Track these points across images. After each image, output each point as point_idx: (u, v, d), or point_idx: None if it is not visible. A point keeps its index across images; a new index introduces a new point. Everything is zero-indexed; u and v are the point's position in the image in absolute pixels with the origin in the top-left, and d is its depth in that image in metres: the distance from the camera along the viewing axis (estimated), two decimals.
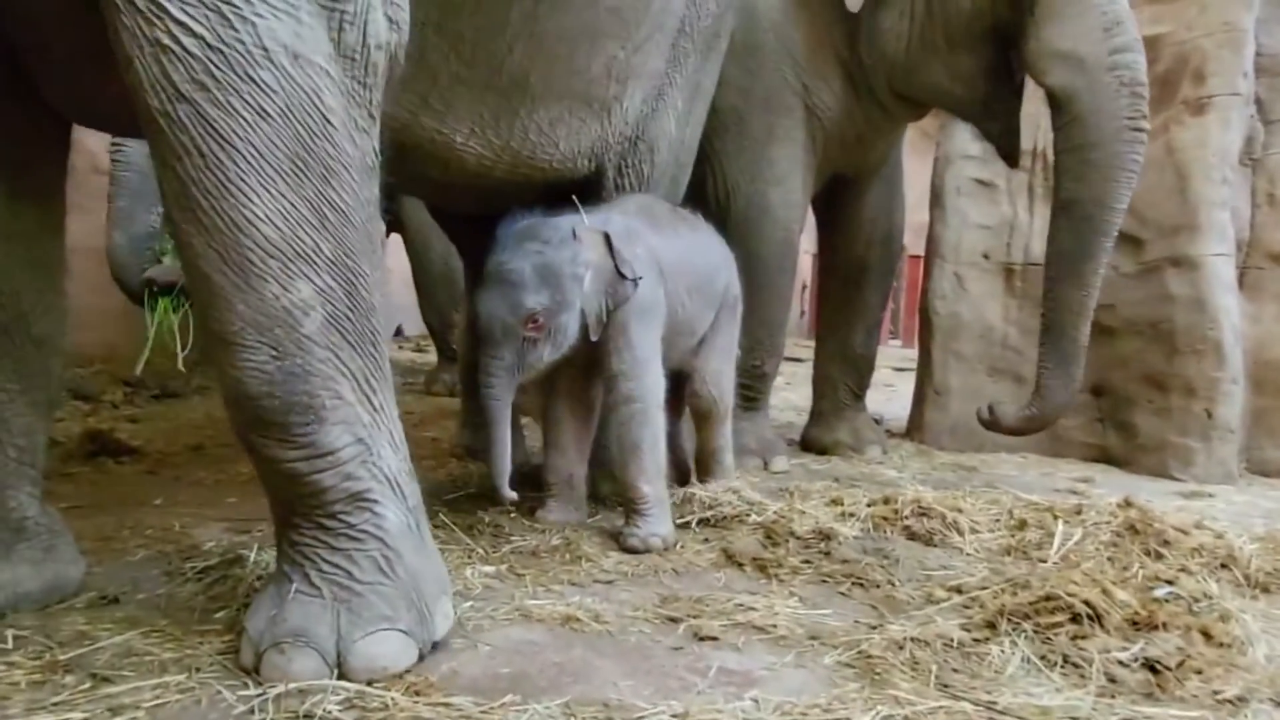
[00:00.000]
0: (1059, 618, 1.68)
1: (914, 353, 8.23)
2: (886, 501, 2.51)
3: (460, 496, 2.63)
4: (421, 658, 1.49)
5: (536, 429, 2.82)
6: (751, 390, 3.38)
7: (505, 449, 2.12)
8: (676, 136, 2.74)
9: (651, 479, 2.24)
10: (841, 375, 3.73)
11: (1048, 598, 1.72)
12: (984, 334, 3.87)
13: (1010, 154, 3.18)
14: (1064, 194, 2.87)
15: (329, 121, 1.37)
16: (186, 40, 1.25)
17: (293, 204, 1.34)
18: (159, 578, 1.88)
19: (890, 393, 5.76)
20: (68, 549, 1.77)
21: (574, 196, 2.27)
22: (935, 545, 2.30)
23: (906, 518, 2.41)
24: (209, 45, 1.26)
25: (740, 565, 2.12)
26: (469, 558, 2.07)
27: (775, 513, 2.42)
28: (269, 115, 1.31)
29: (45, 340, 1.70)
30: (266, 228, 1.32)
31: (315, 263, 1.37)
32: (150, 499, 2.54)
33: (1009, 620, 1.69)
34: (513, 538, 2.23)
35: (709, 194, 3.30)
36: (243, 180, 1.30)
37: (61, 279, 1.74)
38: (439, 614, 1.54)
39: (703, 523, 2.40)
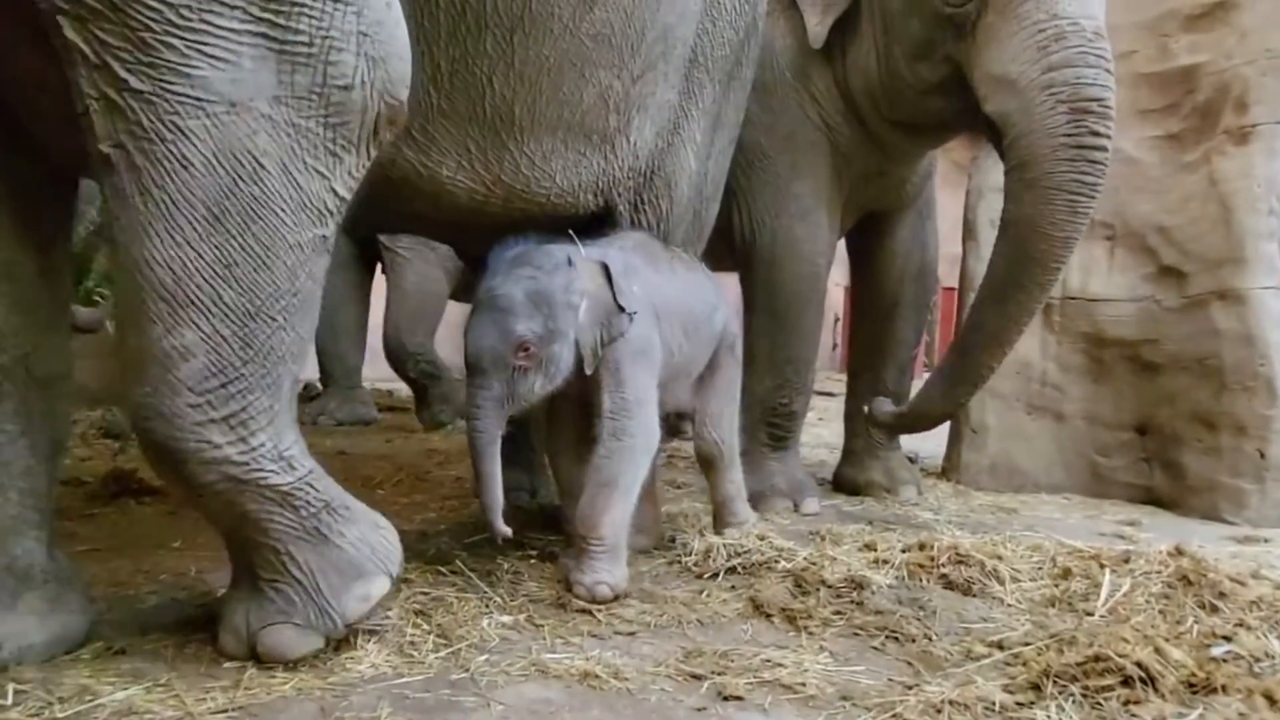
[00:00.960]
0: (1109, 680, 1.57)
1: None
2: (922, 548, 2.40)
3: (481, 540, 2.56)
4: (328, 643, 1.66)
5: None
6: (781, 429, 3.30)
7: (495, 483, 2.01)
8: (697, 170, 2.68)
9: (615, 521, 2.09)
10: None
11: (1097, 658, 1.61)
12: (1021, 370, 3.76)
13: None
14: (1004, 217, 2.70)
15: (260, 165, 1.41)
16: (125, 94, 1.32)
17: (197, 252, 1.39)
18: (169, 625, 1.84)
19: None
20: (76, 598, 1.73)
21: (570, 229, 2.21)
22: (974, 595, 2.19)
23: (943, 565, 2.30)
24: (144, 97, 1.33)
25: (768, 616, 2.03)
26: (486, 607, 2.00)
27: (805, 559, 2.32)
28: (190, 164, 1.36)
29: (49, 382, 1.68)
30: (162, 272, 1.39)
31: (208, 310, 1.42)
32: (169, 541, 2.51)
33: (1055, 682, 1.59)
34: (531, 585, 2.16)
35: (734, 230, 3.26)
36: (150, 225, 1.37)
37: (65, 321, 1.73)
38: (349, 600, 1.66)
39: (729, 570, 2.31)
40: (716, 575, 2.29)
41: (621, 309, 2.10)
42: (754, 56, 2.89)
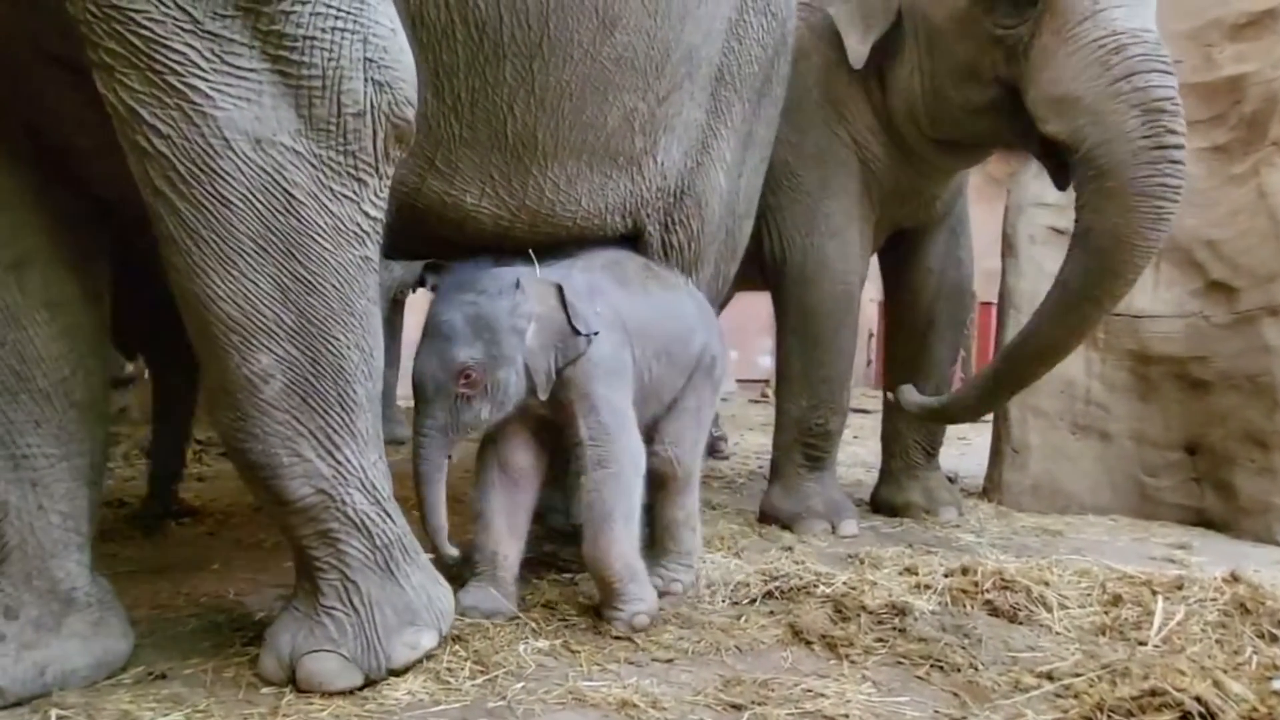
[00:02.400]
0: (1167, 715, 1.52)
1: None
2: (965, 572, 2.35)
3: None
4: (370, 682, 1.66)
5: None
6: (817, 449, 3.26)
7: (439, 509, 1.95)
8: (728, 189, 2.67)
9: (625, 553, 2.02)
10: (911, 433, 3.57)
11: (1153, 691, 1.56)
12: (1065, 389, 3.67)
13: (1061, 177, 2.89)
14: (1080, 225, 2.62)
15: (293, 197, 1.47)
16: (156, 141, 1.37)
17: (253, 282, 1.46)
18: (208, 650, 1.85)
19: (964, 447, 5.53)
20: (117, 621, 1.75)
21: (530, 250, 2.14)
22: (1020, 623, 2.13)
23: (988, 591, 2.24)
24: (174, 144, 1.38)
25: (808, 643, 1.99)
26: (521, 632, 1.98)
27: (845, 584, 2.28)
28: (229, 202, 1.42)
29: (87, 406, 1.70)
30: (228, 306, 1.46)
31: (275, 334, 1.50)
32: (209, 563, 2.53)
33: (1109, 717, 1.54)
34: (567, 609, 2.14)
35: (765, 249, 3.23)
36: (206, 264, 1.44)
37: (103, 346, 1.76)
38: (398, 644, 1.69)
39: (767, 595, 2.27)
40: (754, 600, 2.25)
41: (577, 331, 2.01)
42: (784, 74, 2.88)
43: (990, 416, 3.89)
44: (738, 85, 2.60)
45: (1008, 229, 3.86)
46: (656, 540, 2.39)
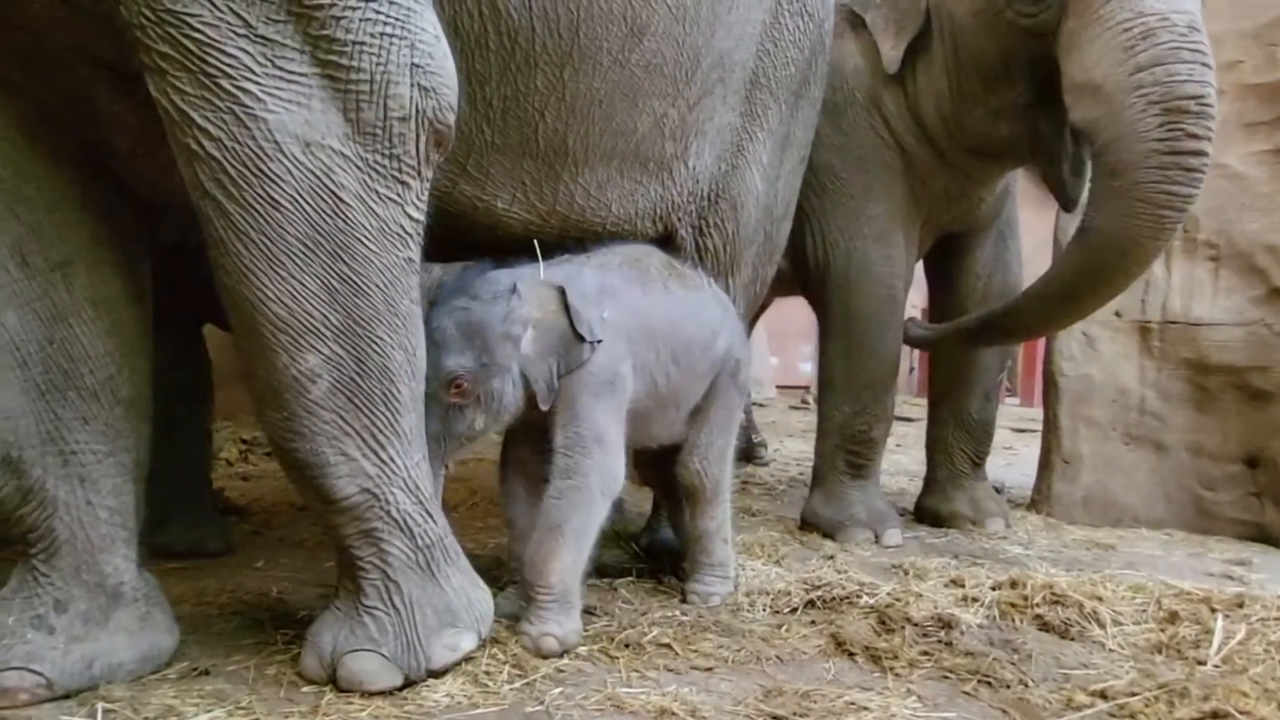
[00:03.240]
0: None
1: (1034, 412, 7.82)
2: (1014, 585, 2.29)
3: None
4: (410, 683, 1.66)
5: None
6: (860, 457, 3.20)
7: None
8: (764, 191, 2.64)
9: (565, 569, 1.88)
10: (957, 442, 3.49)
11: (1214, 714, 1.50)
12: (1118, 398, 3.57)
13: (1065, 196, 2.86)
14: (1083, 222, 2.53)
15: (340, 199, 1.48)
16: (207, 143, 1.39)
17: (301, 283, 1.48)
18: (251, 647, 1.86)
19: (1010, 457, 5.42)
20: (164, 617, 1.77)
21: (535, 243, 2.08)
22: (1072, 639, 2.06)
23: (1038, 605, 2.18)
24: (225, 146, 1.39)
25: (851, 655, 1.95)
26: None
27: (889, 595, 2.23)
28: (278, 204, 1.43)
29: (133, 403, 1.73)
30: (276, 307, 1.48)
31: (322, 334, 1.51)
32: (252, 561, 2.56)
33: None
34: (604, 615, 2.12)
35: (807, 253, 3.20)
36: (255, 265, 1.45)
37: (147, 344, 1.78)
38: (438, 645, 1.69)
39: (808, 604, 2.23)
40: (795, 610, 2.21)
41: (581, 338, 1.93)
42: (822, 75, 2.84)
43: (1036, 423, 3.81)
44: (773, 88, 2.58)
45: (1059, 233, 3.76)
46: (688, 553, 2.35)
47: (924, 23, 2.91)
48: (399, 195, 1.56)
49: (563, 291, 1.94)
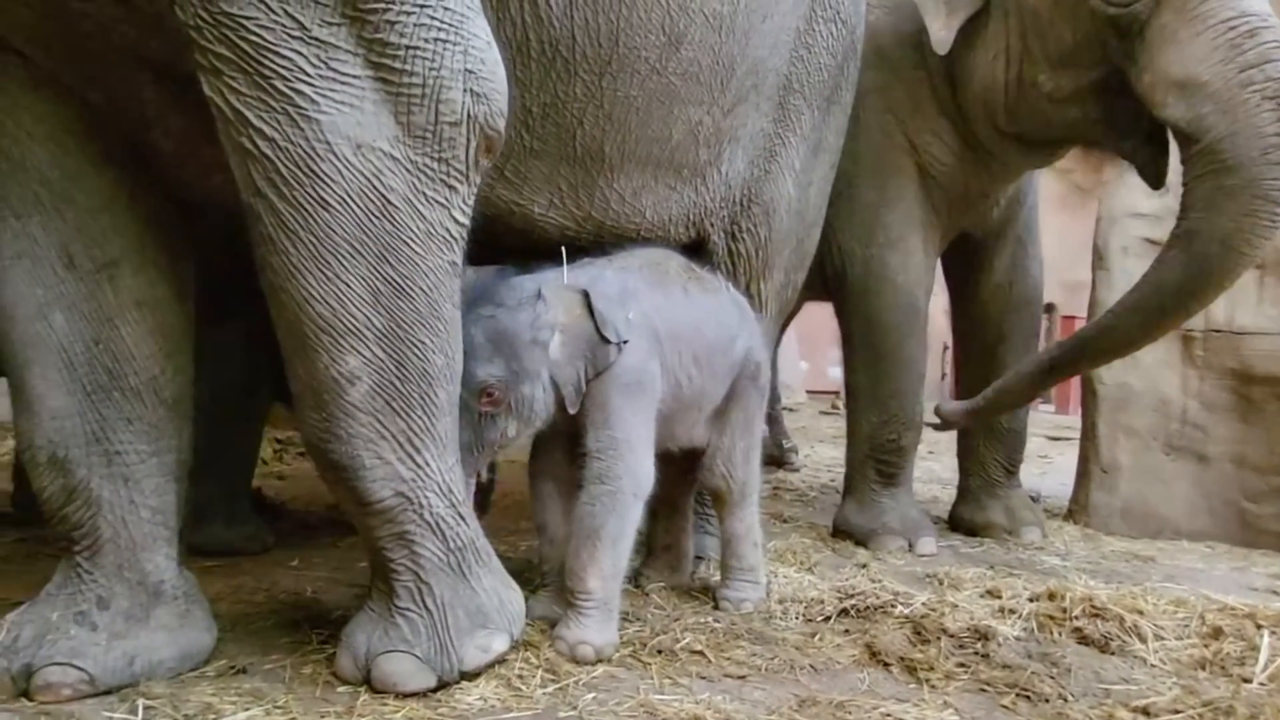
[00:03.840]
0: None
1: (1070, 420, 7.70)
2: (1052, 597, 2.25)
3: None
4: (443, 684, 1.66)
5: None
6: (890, 465, 3.17)
7: None
8: (796, 197, 2.63)
9: (603, 575, 1.90)
10: (989, 451, 3.42)
11: None
12: (1159, 407, 3.51)
13: (1153, 174, 2.77)
14: (1185, 225, 2.43)
15: (388, 202, 1.49)
16: (261, 143, 1.40)
17: (347, 284, 1.48)
18: (287, 646, 1.88)
19: (1045, 465, 5.34)
20: (202, 614, 1.79)
21: (563, 248, 2.07)
22: (1112, 653, 2.03)
23: (1077, 618, 2.14)
24: (278, 146, 1.40)
25: (886, 665, 1.93)
26: None
27: (924, 605, 2.20)
28: (328, 204, 1.44)
29: (176, 403, 1.75)
30: (320, 307, 1.48)
31: (364, 337, 1.51)
32: (287, 560, 2.59)
33: None
34: (637, 620, 2.11)
35: (824, 261, 3.14)
36: (302, 264, 1.46)
37: (189, 345, 1.80)
38: (470, 646, 1.69)
39: (842, 613, 2.21)
40: (829, 618, 2.19)
41: (606, 340, 1.93)
42: (853, 80, 2.82)
43: (1071, 431, 3.74)
44: (807, 94, 2.57)
45: (1099, 241, 3.71)
46: (720, 558, 2.35)
47: (981, 4, 2.83)
48: (446, 199, 1.56)
49: (586, 295, 1.94)
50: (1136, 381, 3.54)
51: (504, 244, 2.14)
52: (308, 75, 1.40)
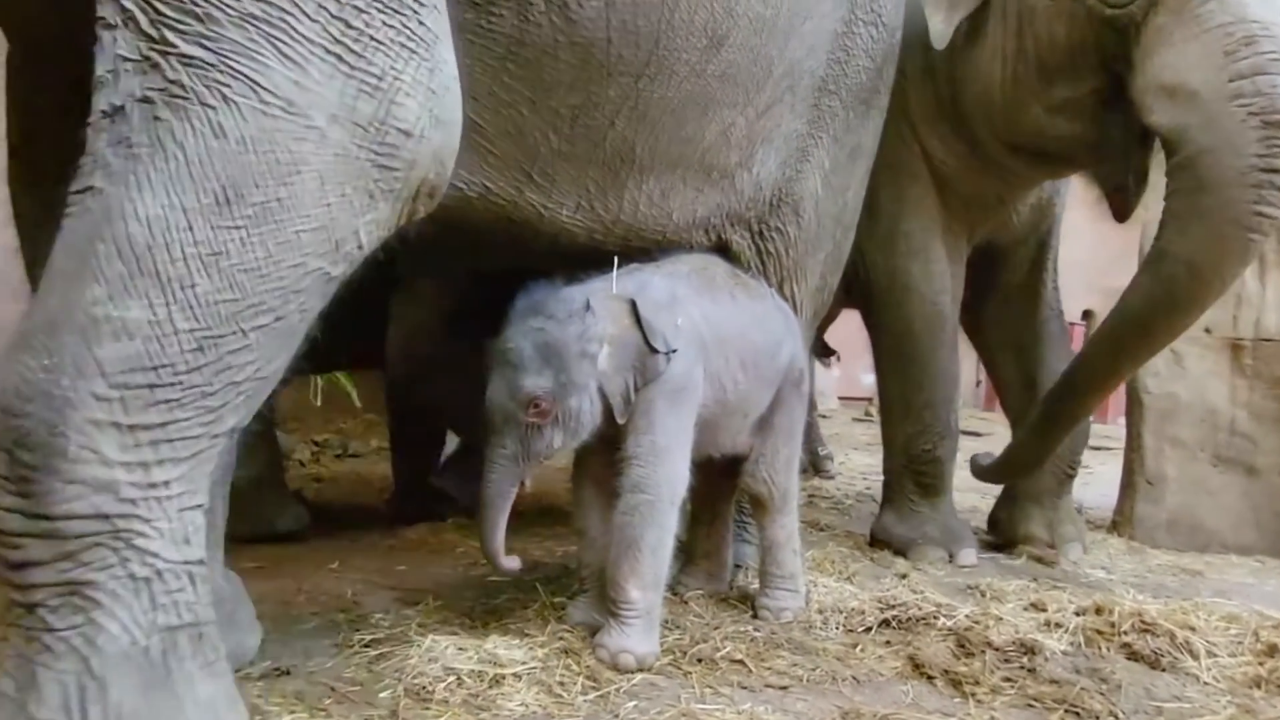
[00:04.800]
0: None
1: (1109, 429, 7.54)
2: (1099, 611, 2.20)
3: None
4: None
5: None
6: (928, 476, 3.11)
7: (498, 533, 1.87)
8: (828, 197, 2.60)
9: (644, 584, 1.89)
10: None
11: None
12: (1206, 417, 3.43)
13: (1120, 205, 2.68)
14: (1158, 244, 2.32)
15: (297, 170, 1.25)
16: (174, 57, 1.19)
17: (189, 223, 1.17)
18: (329, 648, 1.90)
19: (1085, 475, 5.22)
20: (247, 616, 1.81)
21: (615, 257, 2.05)
22: (1163, 669, 1.98)
23: (1126, 633, 2.10)
24: (197, 62, 1.19)
25: (929, 678, 1.90)
26: None
27: (967, 617, 2.17)
28: (224, 135, 1.19)
29: None
30: (137, 228, 1.15)
31: (171, 292, 1.16)
32: (327, 562, 2.60)
33: None
34: (676, 629, 2.10)
35: (851, 271, 3.04)
36: (149, 176, 1.16)
37: None
38: None
39: (883, 624, 2.18)
40: (870, 629, 2.17)
41: (654, 349, 1.91)
42: (890, 83, 2.78)
43: (1111, 440, 3.66)
44: (844, 96, 2.54)
45: (1145, 245, 3.63)
46: (760, 566, 2.34)
47: (981, 2, 2.72)
48: (361, 206, 1.36)
49: (634, 304, 1.94)
50: (1183, 391, 3.47)
51: (531, 249, 2.13)
52: (254, 19, 1.22)
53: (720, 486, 2.33)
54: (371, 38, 1.33)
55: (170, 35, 1.19)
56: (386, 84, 1.34)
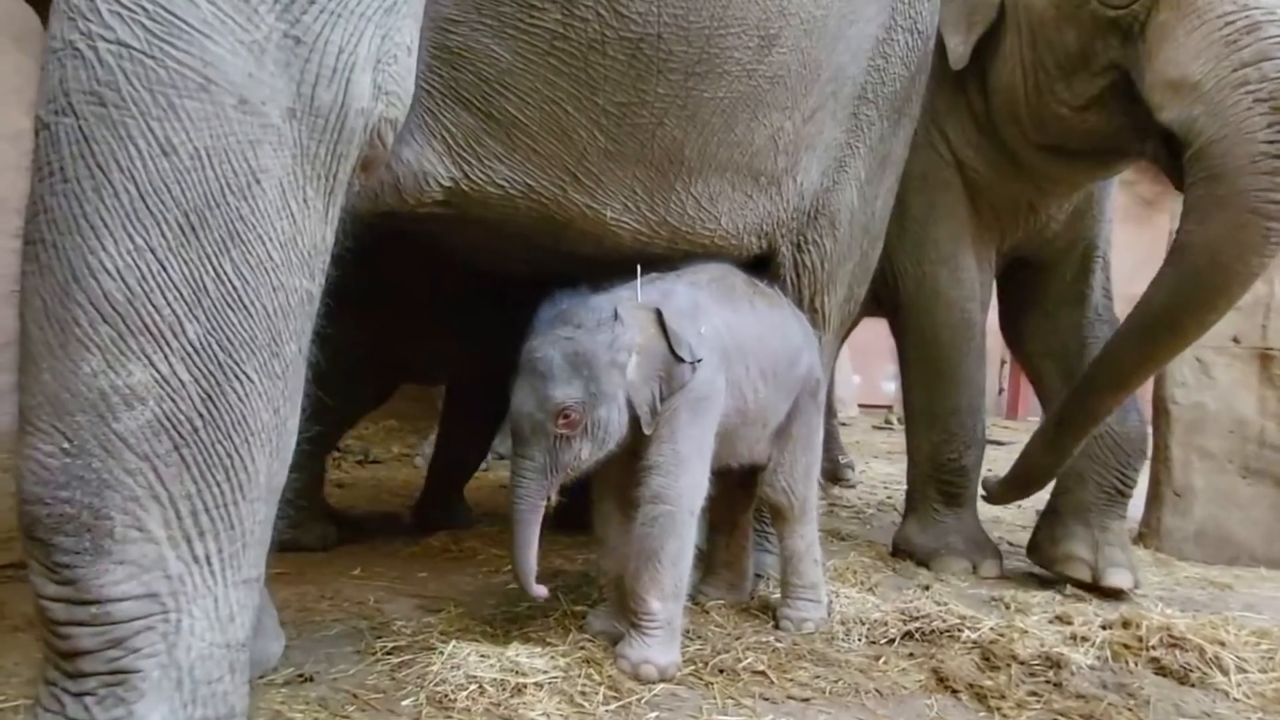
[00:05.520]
0: None
1: None
2: (1126, 625, 2.18)
3: None
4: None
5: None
6: (953, 485, 3.09)
7: (530, 550, 1.83)
8: (862, 209, 2.60)
9: (665, 595, 1.88)
10: (1093, 463, 2.89)
11: None
12: (1235, 428, 3.38)
13: (1178, 174, 2.51)
14: (1180, 237, 2.30)
15: (256, 180, 1.12)
16: (102, 44, 1.05)
17: (162, 265, 1.06)
18: (351, 655, 1.90)
19: None
20: (271, 622, 1.81)
21: (638, 266, 2.02)
22: (1192, 685, 1.95)
23: (1154, 647, 2.07)
24: (134, 54, 1.05)
25: (954, 691, 1.88)
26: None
27: (991, 629, 2.15)
28: (174, 152, 1.06)
29: None
30: (110, 283, 1.05)
31: (166, 344, 1.08)
32: (349, 569, 2.62)
33: None
34: (699, 640, 2.09)
35: (879, 279, 3.03)
36: (102, 220, 1.05)
37: None
38: None
39: (906, 636, 2.17)
40: (893, 641, 2.15)
41: (680, 359, 1.90)
42: (922, 93, 2.77)
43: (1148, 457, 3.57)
44: (880, 104, 2.53)
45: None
46: (780, 576, 2.33)
47: (996, 17, 2.77)
48: (325, 206, 1.26)
49: (659, 313, 1.92)
50: (1212, 402, 3.43)
51: (575, 251, 2.12)
52: None
53: (739, 496, 2.33)
54: (332, 11, 1.21)
55: (104, 10, 1.04)
56: (341, 62, 1.22)
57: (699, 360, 1.92)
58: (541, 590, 1.86)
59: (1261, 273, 2.24)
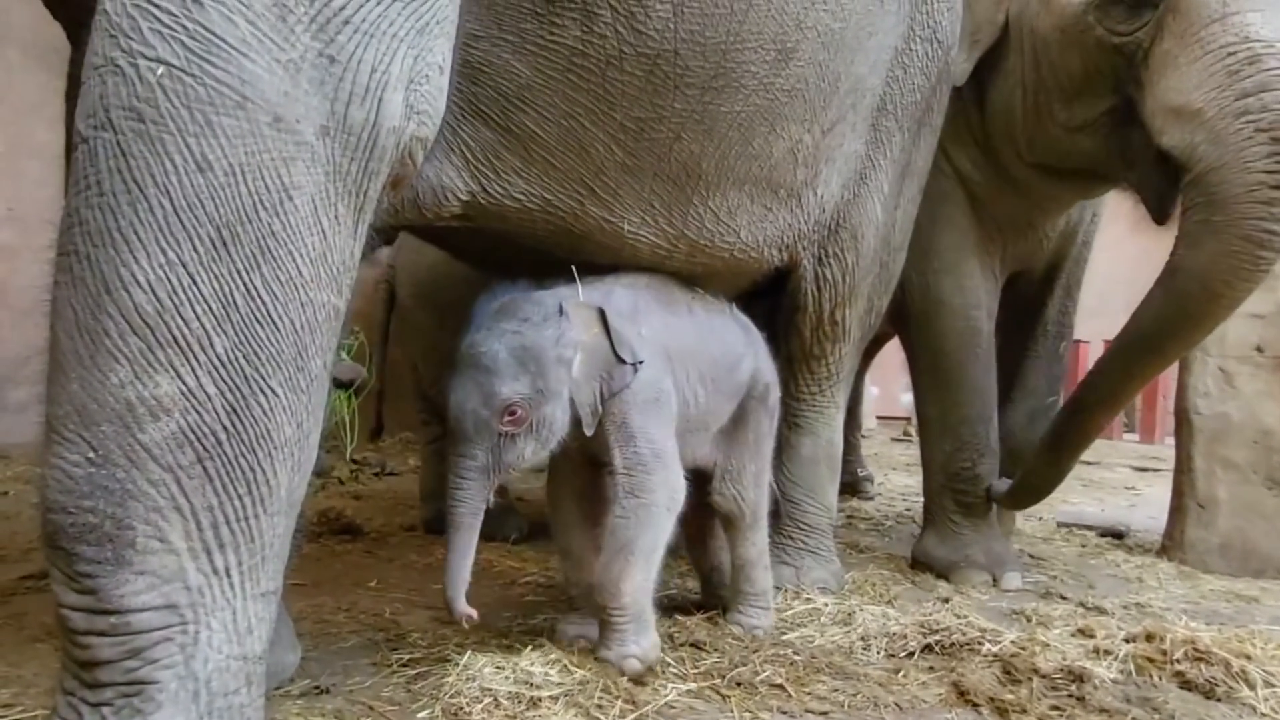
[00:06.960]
0: None
1: (1155, 449, 7.38)
2: (1150, 638, 2.14)
3: (659, 597, 2.52)
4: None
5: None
6: (968, 495, 3.06)
7: (465, 560, 1.76)
8: (884, 221, 2.60)
9: (636, 588, 1.86)
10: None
11: None
12: (1260, 439, 3.33)
13: (1158, 209, 2.62)
14: (1172, 260, 2.35)
15: (288, 197, 1.15)
16: (143, 62, 1.08)
17: (193, 279, 1.09)
18: (368, 668, 1.90)
19: (1133, 497, 5.11)
20: (287, 634, 1.82)
21: (573, 267, 1.99)
22: (1218, 699, 1.91)
23: (1178, 661, 2.03)
24: (174, 72, 1.08)
25: (975, 705, 1.85)
26: (663, 673, 1.92)
27: (1012, 643, 2.12)
28: (210, 169, 1.09)
29: None
30: (142, 297, 1.08)
31: (194, 357, 1.10)
32: (366, 581, 2.63)
33: None
34: (714, 652, 2.07)
35: None
36: (135, 233, 1.08)
37: None
38: None
39: (925, 649, 2.14)
40: (912, 654, 2.13)
41: (621, 360, 1.87)
42: (944, 103, 2.78)
43: (1157, 461, 3.55)
44: (899, 115, 2.53)
45: None
46: (730, 583, 2.31)
47: (1000, 36, 2.81)
48: (355, 224, 1.29)
49: (602, 312, 1.89)
50: (1235, 412, 3.38)
51: (593, 264, 2.11)
52: (242, 5, 1.12)
53: (698, 504, 2.31)
54: (365, 33, 1.23)
55: (146, 29, 1.07)
56: (375, 81, 1.24)
57: (640, 362, 1.90)
58: (470, 611, 1.76)
59: (1246, 299, 2.30)
